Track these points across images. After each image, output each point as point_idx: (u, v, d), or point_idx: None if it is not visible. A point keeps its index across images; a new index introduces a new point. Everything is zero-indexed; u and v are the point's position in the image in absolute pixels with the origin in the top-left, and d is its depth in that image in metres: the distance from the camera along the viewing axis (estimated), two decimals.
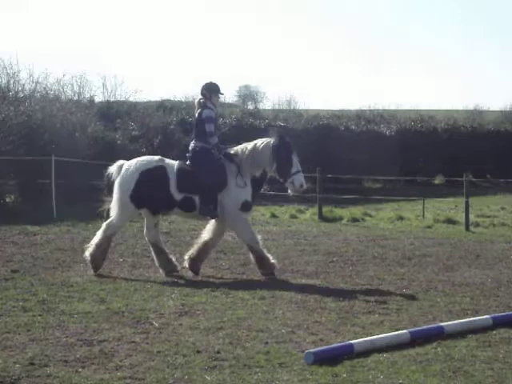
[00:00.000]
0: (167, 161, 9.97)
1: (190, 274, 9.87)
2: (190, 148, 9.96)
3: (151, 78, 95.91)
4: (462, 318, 7.31)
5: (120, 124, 22.98)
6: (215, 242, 10.25)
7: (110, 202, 9.91)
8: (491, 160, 29.65)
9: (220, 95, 10.25)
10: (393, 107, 38.28)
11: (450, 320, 7.22)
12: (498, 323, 7.14)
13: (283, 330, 6.86)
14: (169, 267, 9.86)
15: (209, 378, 5.42)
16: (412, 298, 8.53)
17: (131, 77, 78.78)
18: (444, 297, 8.60)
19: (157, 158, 10.04)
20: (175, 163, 9.90)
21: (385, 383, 5.36)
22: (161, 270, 9.87)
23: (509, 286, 9.39)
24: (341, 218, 17.47)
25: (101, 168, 10.80)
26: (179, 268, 9.93)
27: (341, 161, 25.32)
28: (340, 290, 8.90)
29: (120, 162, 10.09)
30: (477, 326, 7.02)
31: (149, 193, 9.68)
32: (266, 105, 59.08)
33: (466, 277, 9.99)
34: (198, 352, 6.09)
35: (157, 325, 7.02)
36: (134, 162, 9.97)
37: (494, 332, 6.91)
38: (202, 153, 9.84)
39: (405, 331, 6.63)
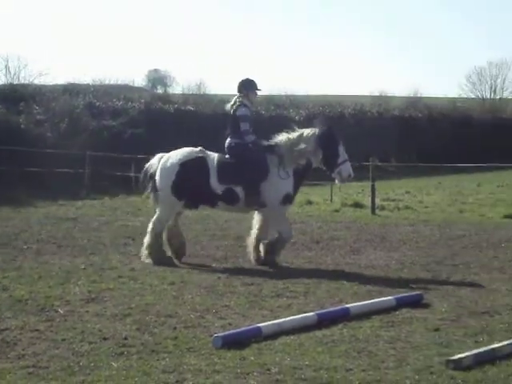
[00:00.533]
0: (208, 152, 9.83)
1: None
2: (226, 145, 9.86)
3: (57, 61, 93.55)
4: (366, 300, 7.47)
5: (24, 107, 22.29)
6: (264, 235, 9.91)
7: (148, 195, 9.96)
8: (396, 144, 30.41)
9: (257, 91, 10.12)
10: (302, 93, 38.75)
11: (355, 302, 7.36)
12: (400, 304, 7.34)
13: (192, 315, 6.85)
14: (181, 252, 9.82)
15: (115, 365, 5.35)
16: (319, 280, 8.66)
17: (36, 59, 76.48)
18: (350, 279, 8.77)
19: (197, 149, 9.89)
20: (216, 155, 9.80)
21: (291, 365, 5.43)
22: (171, 254, 9.78)
23: (412, 267, 9.67)
24: None
25: (4, 153, 10.49)
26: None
27: None
28: (249, 274, 8.95)
29: (159, 154, 9.98)
30: (381, 307, 7.20)
31: (190, 185, 9.59)
32: (176, 89, 58.63)
33: (371, 259, 10.23)
34: (105, 339, 6.01)
35: (62, 312, 6.88)
36: (174, 153, 9.84)
37: (397, 312, 7.10)
38: (239, 148, 9.73)
39: (312, 313, 6.73)
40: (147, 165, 9.99)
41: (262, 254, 9.76)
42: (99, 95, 26.05)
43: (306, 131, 9.84)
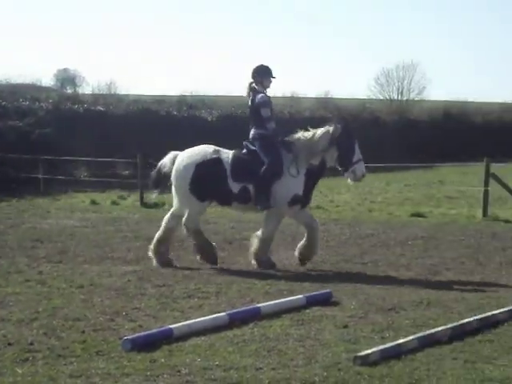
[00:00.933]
0: (222, 151, 9.61)
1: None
2: (251, 136, 9.59)
3: None
4: (278, 299, 7.54)
5: None
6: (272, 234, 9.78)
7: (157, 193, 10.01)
8: None
9: (272, 79, 9.73)
10: (214, 93, 38.73)
11: (266, 301, 7.42)
12: (311, 302, 7.45)
13: (101, 318, 6.75)
14: (211, 258, 9.61)
15: (20, 371, 5.22)
16: (231, 280, 8.69)
17: None
18: (262, 278, 8.84)
19: (212, 148, 9.66)
20: (230, 153, 9.56)
21: (201, 366, 5.43)
22: (200, 261, 9.63)
23: (322, 266, 9.82)
24: (163, 204, 17.42)
25: None
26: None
27: (162, 146, 25.21)
28: (160, 276, 8.89)
29: (173, 153, 9.74)
30: (292, 306, 7.29)
31: (209, 186, 9.41)
32: (86, 89, 57.66)
33: (283, 258, 10.31)
34: (10, 344, 5.85)
35: None
36: (188, 153, 9.60)
37: (308, 311, 7.20)
38: (263, 140, 9.48)
39: (223, 314, 6.75)
40: (160, 164, 9.78)
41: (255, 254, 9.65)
42: (4, 95, 25.31)
43: (321, 129, 9.64)
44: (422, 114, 37.52)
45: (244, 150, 9.63)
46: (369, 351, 5.60)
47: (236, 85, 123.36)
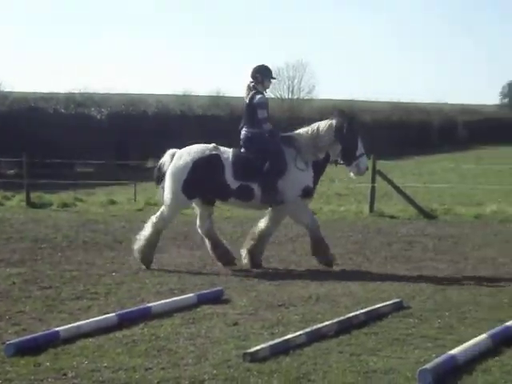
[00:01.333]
0: (222, 148, 9.57)
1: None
2: (242, 135, 9.58)
3: None
4: (169, 298, 7.52)
5: None
6: (272, 230, 9.95)
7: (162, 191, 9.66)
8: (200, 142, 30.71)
9: (272, 80, 9.83)
10: (104, 91, 38.02)
11: (157, 301, 7.38)
12: (202, 300, 7.46)
13: None
14: (227, 259, 9.61)
15: None
16: (121, 281, 8.59)
17: None
18: (153, 278, 8.79)
19: (211, 145, 9.61)
20: (230, 150, 9.53)
21: (89, 368, 5.35)
22: (219, 263, 9.59)
23: (213, 264, 9.84)
24: (50, 204, 17.00)
25: None
26: (236, 260, 9.66)
27: (50, 145, 24.60)
28: (47, 278, 8.68)
29: (171, 150, 9.70)
30: (183, 305, 7.28)
31: (203, 182, 9.39)
32: None
33: (174, 257, 10.29)
34: None
35: None
36: (186, 150, 9.59)
37: (199, 309, 7.22)
38: (256, 139, 9.48)
39: (112, 314, 6.67)
40: (160, 161, 9.70)
41: (313, 255, 9.65)
42: None
43: (324, 123, 9.66)
44: (312, 112, 38.16)
45: (242, 149, 9.62)
46: (258, 347, 5.67)
47: (129, 82, 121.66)
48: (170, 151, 9.77)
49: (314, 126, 9.72)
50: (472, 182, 22.19)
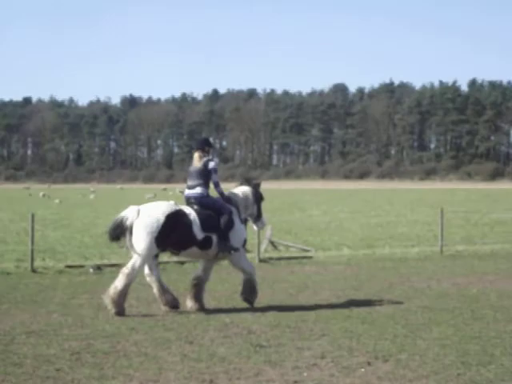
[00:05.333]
0: (178, 205, 11.31)
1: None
2: (196, 194, 11.47)
3: None
4: None
5: None
6: (208, 276, 11.76)
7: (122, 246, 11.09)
8: None
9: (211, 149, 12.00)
10: None
11: None
12: None
13: None
14: (173, 304, 11.10)
15: None
16: None
17: None
18: None
19: (171, 202, 11.40)
20: (188, 207, 11.35)
21: None
22: (164, 308, 11.08)
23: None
24: None
25: None
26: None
27: None
28: None
29: (133, 207, 11.04)
30: None
31: (174, 235, 10.94)
32: None
33: None
34: None
35: None
36: (152, 206, 11.14)
37: None
38: (211, 199, 11.55)
39: None
40: (121, 217, 10.95)
41: (241, 294, 11.63)
42: None
43: (246, 188, 12.08)
44: None
45: (195, 207, 11.38)
46: None
47: None
48: (132, 208, 11.04)
49: (240, 189, 12.07)
50: None
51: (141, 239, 10.80)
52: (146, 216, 10.87)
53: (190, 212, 11.21)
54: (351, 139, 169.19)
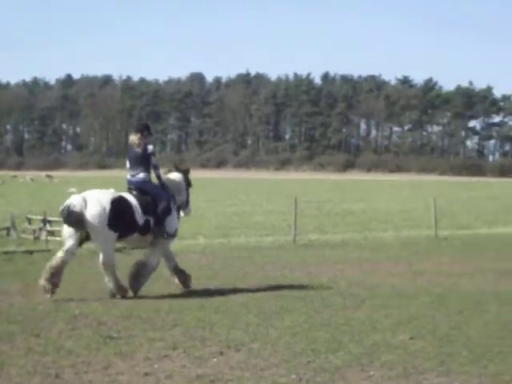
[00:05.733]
0: (118, 192, 11.59)
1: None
2: (139, 180, 11.78)
3: None
4: None
5: None
6: (175, 261, 12.22)
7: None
8: None
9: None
10: None
11: None
12: None
13: None
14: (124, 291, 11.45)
15: None
16: None
17: None
18: None
19: (112, 190, 11.61)
20: (126, 193, 11.66)
21: None
22: (112, 293, 11.36)
23: None
24: None
25: None
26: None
27: None
28: None
29: (78, 195, 11.31)
30: None
31: (119, 221, 11.22)
32: None
33: None
34: None
35: None
36: (97, 193, 11.38)
37: None
38: (152, 184, 11.91)
39: None
40: (69, 205, 11.07)
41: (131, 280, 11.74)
42: None
43: (178, 175, 12.48)
44: None
45: (134, 192, 11.71)
46: None
47: None
48: (77, 196, 11.33)
49: (172, 175, 12.40)
50: None
51: (96, 227, 11.10)
52: (94, 205, 11.13)
53: (131, 198, 11.54)
54: (208, 128, 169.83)
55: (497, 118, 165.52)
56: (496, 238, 23.89)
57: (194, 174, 15.12)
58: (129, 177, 11.93)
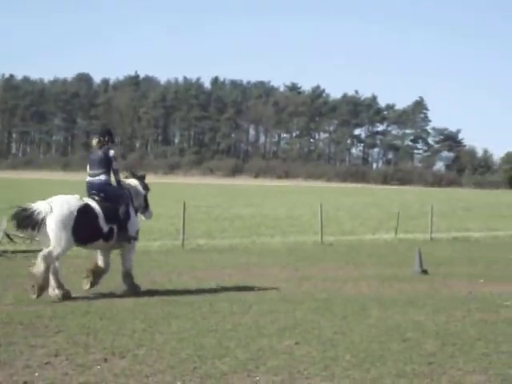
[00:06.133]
0: (83, 198, 11.92)
1: None
2: (100, 181, 12.10)
3: None
4: None
5: None
6: (108, 267, 12.49)
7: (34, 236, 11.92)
8: None
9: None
10: None
11: None
12: None
13: None
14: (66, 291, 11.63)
15: None
16: None
17: None
18: None
19: (76, 196, 11.89)
20: (90, 200, 11.94)
21: None
22: (58, 293, 11.47)
23: None
24: None
25: None
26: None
27: None
28: None
29: (43, 202, 11.51)
30: None
31: (84, 228, 11.55)
32: None
33: None
34: None
35: None
36: (64, 200, 11.59)
37: None
38: (113, 187, 12.26)
39: None
40: (32, 210, 11.37)
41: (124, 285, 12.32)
42: None
43: (135, 180, 12.93)
44: None
45: (97, 198, 12.02)
46: None
47: None
48: (43, 202, 11.52)
49: (129, 180, 12.84)
50: None
51: (57, 234, 11.36)
52: (59, 211, 11.39)
53: (95, 205, 11.85)
54: (95, 130, 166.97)
55: (381, 127, 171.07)
56: (379, 244, 24.63)
57: (79, 177, 14.95)
58: (89, 178, 12.23)
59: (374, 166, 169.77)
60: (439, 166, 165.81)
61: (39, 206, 11.46)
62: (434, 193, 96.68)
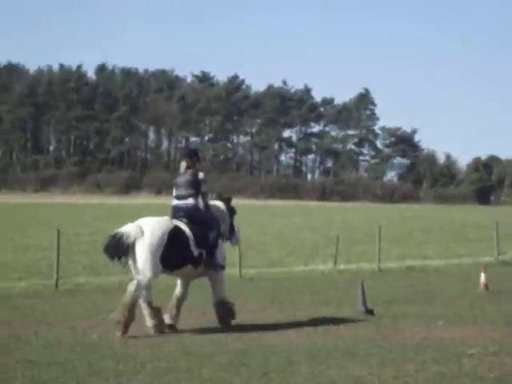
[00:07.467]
0: (174, 220, 14.01)
1: None
2: (189, 206, 14.24)
3: None
4: None
5: None
6: (186, 296, 14.66)
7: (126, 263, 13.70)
8: None
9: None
10: None
11: None
12: None
13: None
14: (163, 325, 13.91)
15: None
16: None
17: None
18: None
19: (167, 217, 14.01)
20: (179, 222, 13.97)
21: None
22: (154, 329, 13.70)
23: None
24: None
25: None
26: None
27: None
28: None
29: (133, 224, 13.60)
30: None
31: (174, 253, 13.57)
32: None
33: None
34: None
35: None
36: (155, 222, 13.67)
37: None
38: (202, 211, 14.38)
39: None
40: (121, 234, 13.44)
41: (219, 322, 14.69)
42: None
43: (220, 203, 15.08)
44: None
45: (185, 220, 14.04)
46: None
47: None
48: (133, 225, 13.54)
49: (217, 204, 14.96)
50: None
51: (147, 259, 13.33)
52: (150, 234, 13.37)
53: (185, 228, 13.85)
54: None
55: (316, 127, 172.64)
56: (314, 277, 24.79)
57: None
58: (175, 201, 14.38)
59: (309, 177, 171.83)
60: (390, 175, 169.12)
61: (129, 230, 13.43)
62: (385, 210, 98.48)
